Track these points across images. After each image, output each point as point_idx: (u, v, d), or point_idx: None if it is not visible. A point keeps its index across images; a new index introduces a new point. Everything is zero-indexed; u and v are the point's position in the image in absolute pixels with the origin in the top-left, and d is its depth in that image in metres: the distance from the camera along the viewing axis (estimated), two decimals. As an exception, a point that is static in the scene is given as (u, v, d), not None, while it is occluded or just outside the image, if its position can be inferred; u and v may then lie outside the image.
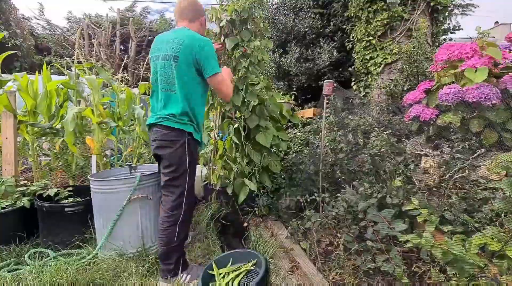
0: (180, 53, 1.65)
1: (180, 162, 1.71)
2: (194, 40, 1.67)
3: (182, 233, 1.77)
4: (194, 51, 1.65)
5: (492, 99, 1.81)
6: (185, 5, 1.82)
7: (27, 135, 2.71)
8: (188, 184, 1.75)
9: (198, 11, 1.86)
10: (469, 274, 1.19)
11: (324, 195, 2.09)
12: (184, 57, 1.65)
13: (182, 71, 1.67)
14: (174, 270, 1.76)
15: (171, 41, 1.70)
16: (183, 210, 1.74)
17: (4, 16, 10.38)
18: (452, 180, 1.80)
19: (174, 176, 1.72)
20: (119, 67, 8.33)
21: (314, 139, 3.14)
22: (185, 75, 1.68)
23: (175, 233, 1.72)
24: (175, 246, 1.73)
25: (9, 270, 1.86)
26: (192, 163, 1.77)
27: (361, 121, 3.07)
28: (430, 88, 2.35)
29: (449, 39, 5.11)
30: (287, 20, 5.85)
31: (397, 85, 3.88)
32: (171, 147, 1.69)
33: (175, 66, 1.66)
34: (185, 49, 1.65)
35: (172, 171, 1.71)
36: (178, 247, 1.76)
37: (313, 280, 1.51)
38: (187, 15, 1.82)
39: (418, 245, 1.35)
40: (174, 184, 1.73)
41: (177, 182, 1.73)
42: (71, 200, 2.27)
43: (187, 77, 1.68)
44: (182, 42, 1.66)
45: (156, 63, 1.75)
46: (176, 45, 1.67)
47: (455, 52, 2.17)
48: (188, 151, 1.72)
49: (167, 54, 1.68)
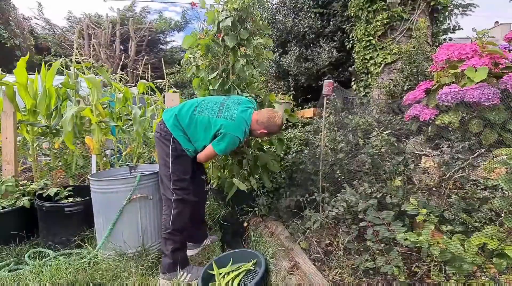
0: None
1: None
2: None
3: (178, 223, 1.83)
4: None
5: (492, 100, 1.81)
6: (267, 116, 1.94)
7: (27, 134, 2.71)
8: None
9: (263, 124, 1.95)
10: (468, 272, 1.19)
11: (324, 195, 2.09)
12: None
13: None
14: (172, 265, 1.78)
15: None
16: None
17: (4, 16, 10.37)
18: (452, 180, 1.81)
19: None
20: (118, 67, 8.33)
21: (314, 139, 3.14)
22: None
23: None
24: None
25: (9, 270, 1.86)
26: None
27: (361, 121, 3.07)
28: (430, 88, 2.35)
29: (449, 39, 5.11)
30: (287, 20, 5.85)
31: (397, 85, 3.88)
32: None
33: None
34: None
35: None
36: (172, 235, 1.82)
37: (313, 280, 1.51)
38: (262, 112, 1.98)
39: (416, 243, 1.35)
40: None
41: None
42: (71, 200, 2.28)
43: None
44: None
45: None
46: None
47: (455, 52, 2.17)
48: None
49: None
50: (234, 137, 1.81)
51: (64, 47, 13.03)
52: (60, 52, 12.91)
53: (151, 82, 3.77)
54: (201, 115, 1.85)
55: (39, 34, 14.17)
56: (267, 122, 1.94)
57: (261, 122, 1.93)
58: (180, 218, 1.83)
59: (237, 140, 1.83)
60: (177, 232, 1.82)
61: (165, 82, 3.87)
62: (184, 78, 11.68)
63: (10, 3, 11.02)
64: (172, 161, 1.82)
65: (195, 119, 1.85)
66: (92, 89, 2.72)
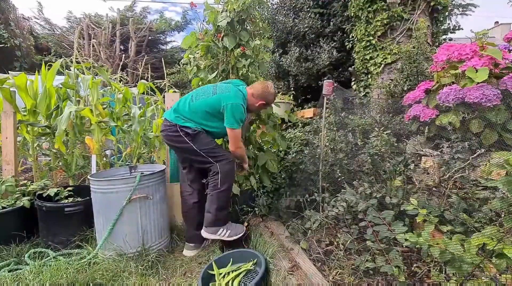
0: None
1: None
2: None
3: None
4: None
5: (493, 100, 1.81)
6: (261, 85, 2.09)
7: (27, 134, 2.71)
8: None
9: (260, 96, 2.09)
10: (467, 273, 1.19)
11: (324, 195, 2.09)
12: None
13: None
14: (214, 221, 1.95)
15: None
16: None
17: (4, 15, 10.37)
18: (452, 180, 1.81)
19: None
20: (119, 67, 8.34)
21: (314, 139, 3.14)
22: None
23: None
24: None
25: (9, 270, 1.86)
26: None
27: (361, 121, 3.07)
28: (430, 88, 2.35)
29: (449, 39, 5.11)
30: (287, 20, 5.85)
31: (397, 85, 3.87)
32: None
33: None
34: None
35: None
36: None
37: (313, 280, 1.51)
38: (254, 85, 2.13)
39: (416, 244, 1.35)
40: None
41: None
42: (71, 200, 2.28)
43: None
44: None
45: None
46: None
47: (455, 53, 2.17)
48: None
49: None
50: (237, 104, 1.92)
51: (64, 47, 13.02)
52: (60, 52, 12.90)
53: (151, 82, 3.76)
54: (198, 100, 1.99)
55: (39, 34, 14.15)
56: (262, 92, 2.07)
57: (257, 94, 2.07)
58: (227, 181, 1.96)
59: (241, 107, 1.94)
60: (224, 194, 1.96)
61: (165, 82, 3.87)
62: (184, 78, 11.68)
63: (10, 3, 11.01)
64: (193, 143, 1.93)
65: (193, 106, 1.98)
66: (92, 89, 2.72)
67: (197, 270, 1.93)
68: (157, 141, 3.52)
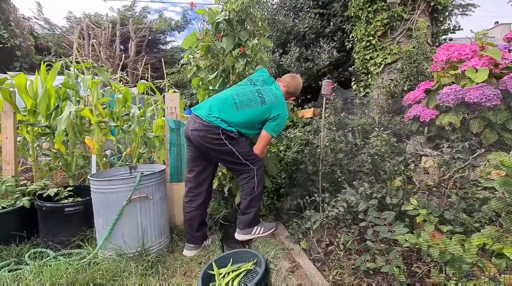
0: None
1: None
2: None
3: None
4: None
5: (493, 100, 1.81)
6: (294, 82, 2.14)
7: (27, 134, 2.71)
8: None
9: (293, 93, 2.17)
10: (467, 273, 1.19)
11: (324, 195, 2.09)
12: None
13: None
14: (249, 222, 1.98)
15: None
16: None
17: (4, 16, 10.37)
18: (452, 180, 1.81)
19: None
20: (119, 67, 8.34)
21: (314, 139, 3.14)
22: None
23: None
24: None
25: (9, 270, 1.85)
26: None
27: (361, 121, 3.07)
28: (430, 88, 2.35)
29: (449, 39, 5.11)
30: (287, 20, 5.85)
31: (397, 85, 3.88)
32: None
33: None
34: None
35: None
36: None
37: (313, 280, 1.51)
38: (287, 82, 2.15)
39: (416, 244, 1.35)
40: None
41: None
42: (71, 200, 2.27)
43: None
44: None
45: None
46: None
47: (455, 53, 2.17)
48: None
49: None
50: (285, 115, 1.96)
51: (64, 47, 13.02)
52: (60, 52, 12.90)
53: (151, 82, 3.76)
54: (246, 109, 1.91)
55: (39, 34, 14.16)
56: (294, 90, 2.12)
57: (292, 92, 2.12)
58: (262, 181, 2.00)
59: (286, 118, 1.98)
60: (260, 194, 2.00)
61: (165, 82, 3.87)
62: (184, 78, 11.69)
63: (10, 3, 11.02)
64: (233, 146, 1.89)
65: (242, 115, 1.90)
66: (92, 89, 2.72)
67: (197, 270, 1.93)
68: (157, 141, 3.52)
